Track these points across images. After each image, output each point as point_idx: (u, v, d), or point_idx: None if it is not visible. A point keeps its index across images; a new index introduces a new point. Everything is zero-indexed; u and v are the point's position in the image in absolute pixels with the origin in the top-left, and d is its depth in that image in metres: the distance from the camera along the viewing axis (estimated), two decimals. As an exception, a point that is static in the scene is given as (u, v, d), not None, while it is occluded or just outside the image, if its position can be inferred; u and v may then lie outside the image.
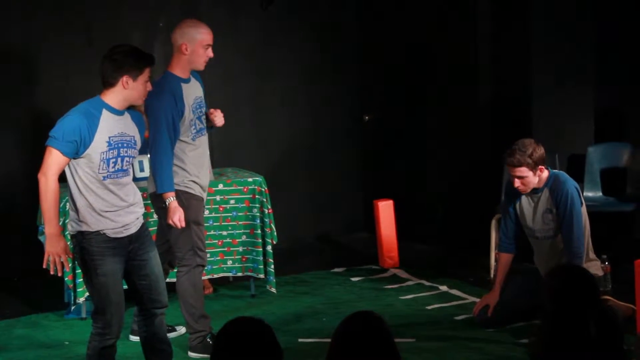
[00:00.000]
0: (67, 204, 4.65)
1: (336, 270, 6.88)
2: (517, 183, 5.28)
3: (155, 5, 7.06)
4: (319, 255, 7.34)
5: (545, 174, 5.32)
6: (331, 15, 7.72)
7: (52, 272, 4.27)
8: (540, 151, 5.26)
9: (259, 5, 7.39)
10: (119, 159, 4.30)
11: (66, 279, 5.69)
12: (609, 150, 6.81)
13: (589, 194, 6.71)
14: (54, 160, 4.19)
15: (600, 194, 6.74)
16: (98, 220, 4.27)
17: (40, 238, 6.05)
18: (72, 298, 5.74)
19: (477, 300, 5.71)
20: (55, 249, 4.20)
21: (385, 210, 6.96)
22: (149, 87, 4.38)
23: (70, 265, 5.59)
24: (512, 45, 6.91)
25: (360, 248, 7.46)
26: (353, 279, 6.65)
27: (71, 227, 4.34)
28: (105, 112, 4.28)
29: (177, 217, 4.96)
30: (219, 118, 5.22)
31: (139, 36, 6.97)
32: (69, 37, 6.80)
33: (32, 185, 6.37)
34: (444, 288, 6.33)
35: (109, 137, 4.26)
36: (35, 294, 6.42)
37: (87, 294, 5.72)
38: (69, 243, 4.39)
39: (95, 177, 4.25)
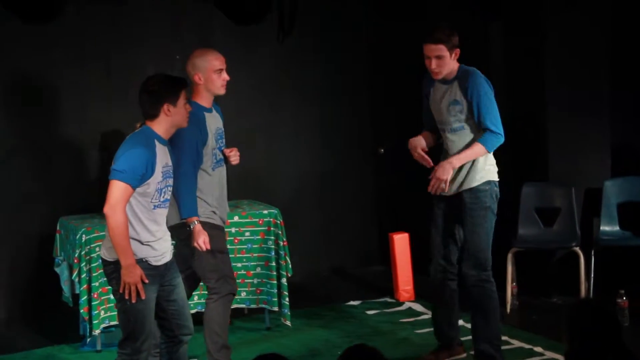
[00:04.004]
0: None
1: (351, 303, 6.85)
2: (433, 64, 5.17)
3: (171, 37, 7.10)
4: (334, 288, 7.31)
5: (457, 64, 5.24)
6: (345, 47, 7.75)
7: (128, 297, 4.31)
8: (457, 36, 5.19)
9: (275, 37, 7.44)
10: (166, 188, 4.45)
11: (82, 310, 5.69)
12: (625, 184, 6.77)
13: (605, 228, 6.67)
14: (123, 194, 4.28)
15: (617, 228, 6.70)
16: (141, 248, 4.37)
17: (57, 269, 6.06)
18: (88, 330, 5.73)
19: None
20: (132, 279, 4.30)
21: (401, 243, 6.94)
22: (189, 107, 4.55)
23: (86, 297, 5.65)
24: (526, 79, 6.91)
25: (376, 281, 7.43)
26: (368, 313, 6.62)
27: (109, 254, 4.38)
28: (156, 142, 4.41)
29: (202, 240, 4.97)
30: (234, 157, 5.26)
31: (156, 68, 7.00)
32: (88, 67, 6.86)
33: (50, 215, 6.46)
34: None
35: (162, 168, 4.40)
36: (51, 326, 6.41)
37: (102, 325, 5.73)
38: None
39: (146, 206, 4.36)
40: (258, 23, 7.33)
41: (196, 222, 4.98)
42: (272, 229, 6.11)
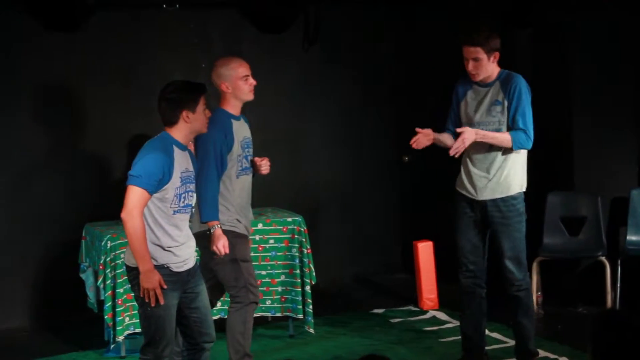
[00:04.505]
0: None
1: (375, 311, 6.84)
2: (470, 66, 5.20)
3: (198, 46, 7.13)
4: (357, 296, 7.31)
5: (498, 68, 5.26)
6: (370, 56, 7.75)
7: (148, 302, 4.31)
8: (497, 39, 5.20)
9: (300, 46, 7.45)
10: (186, 194, 4.44)
11: (106, 317, 5.72)
12: (653, 193, 6.73)
13: (632, 237, 6.62)
14: (139, 199, 4.28)
15: (644, 237, 6.66)
16: (162, 254, 4.37)
17: (82, 276, 6.09)
18: (112, 336, 5.75)
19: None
20: (152, 284, 4.29)
21: (425, 251, 6.93)
22: (208, 113, 4.54)
23: (110, 303, 5.68)
24: (552, 87, 6.88)
25: (400, 289, 7.41)
26: (392, 321, 6.60)
27: (132, 260, 4.39)
28: (175, 148, 4.41)
29: (222, 244, 4.97)
30: (265, 166, 5.27)
31: (181, 77, 7.02)
32: (113, 76, 6.90)
33: (75, 221, 6.50)
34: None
35: (181, 173, 4.40)
36: (76, 331, 6.44)
37: (127, 332, 5.76)
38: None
39: (166, 212, 4.36)
40: (284, 32, 7.35)
41: (216, 227, 4.99)
42: (296, 236, 6.12)
